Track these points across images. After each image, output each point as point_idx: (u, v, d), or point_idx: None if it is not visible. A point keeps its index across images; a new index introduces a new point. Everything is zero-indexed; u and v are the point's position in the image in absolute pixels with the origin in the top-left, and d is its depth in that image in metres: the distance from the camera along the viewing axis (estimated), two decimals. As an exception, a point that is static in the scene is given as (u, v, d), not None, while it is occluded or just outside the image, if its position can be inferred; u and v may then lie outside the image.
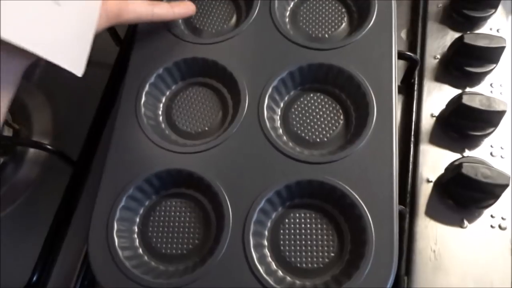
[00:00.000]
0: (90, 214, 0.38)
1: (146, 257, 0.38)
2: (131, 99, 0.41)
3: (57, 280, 0.44)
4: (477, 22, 0.50)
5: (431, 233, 0.42)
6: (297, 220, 0.38)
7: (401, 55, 0.45)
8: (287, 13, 0.46)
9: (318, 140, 0.40)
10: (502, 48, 0.45)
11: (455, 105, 0.44)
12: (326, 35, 0.44)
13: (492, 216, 0.43)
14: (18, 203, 0.47)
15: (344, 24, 0.45)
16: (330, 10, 0.46)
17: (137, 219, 0.39)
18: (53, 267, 0.44)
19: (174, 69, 0.43)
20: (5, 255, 0.44)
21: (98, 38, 0.52)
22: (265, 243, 0.37)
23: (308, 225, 0.38)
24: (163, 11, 0.41)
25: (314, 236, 0.37)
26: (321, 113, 0.41)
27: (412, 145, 0.45)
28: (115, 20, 0.37)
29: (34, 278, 0.42)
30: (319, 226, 0.37)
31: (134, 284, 0.35)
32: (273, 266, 0.36)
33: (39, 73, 0.55)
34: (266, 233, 0.38)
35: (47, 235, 0.44)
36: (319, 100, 0.42)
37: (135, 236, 0.38)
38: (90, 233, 0.37)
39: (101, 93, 0.50)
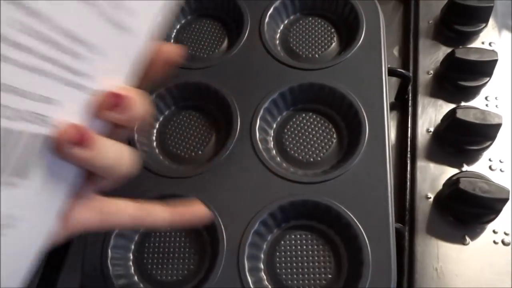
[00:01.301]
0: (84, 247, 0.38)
1: (141, 285, 0.37)
2: (123, 125, 0.41)
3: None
4: (469, 36, 0.50)
5: (433, 251, 0.41)
6: (293, 242, 0.37)
7: (392, 72, 0.45)
8: (277, 35, 0.47)
9: (311, 159, 0.40)
10: (494, 61, 0.45)
11: (450, 120, 0.43)
12: (317, 55, 0.45)
13: (494, 232, 0.42)
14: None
15: (334, 44, 0.45)
16: (320, 31, 0.46)
17: (132, 246, 0.38)
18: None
19: (166, 94, 0.43)
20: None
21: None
22: (261, 266, 0.37)
23: (304, 247, 0.37)
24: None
25: (311, 258, 0.36)
26: (314, 132, 0.41)
27: (409, 162, 0.45)
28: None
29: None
30: (315, 247, 0.37)
31: None
32: None
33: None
34: (262, 255, 0.37)
35: (43, 265, 0.43)
36: (311, 120, 0.42)
37: (130, 263, 0.38)
38: (84, 262, 0.36)
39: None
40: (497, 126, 0.42)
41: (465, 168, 0.44)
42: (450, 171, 0.44)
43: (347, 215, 0.36)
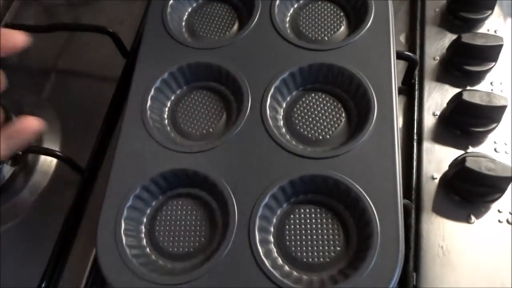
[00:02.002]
0: (97, 219, 0.38)
1: (153, 256, 0.38)
2: (137, 102, 0.42)
3: (65, 286, 0.44)
4: (475, 23, 0.51)
5: (438, 230, 0.42)
6: (302, 216, 0.38)
7: (400, 55, 0.45)
8: (287, 18, 0.47)
9: (320, 137, 0.41)
10: (500, 46, 0.46)
11: (456, 102, 0.44)
12: (326, 38, 0.46)
13: (499, 211, 0.42)
14: (29, 211, 0.48)
15: (343, 27, 0.46)
16: (329, 14, 0.47)
17: (144, 219, 0.39)
18: (62, 273, 0.44)
19: (179, 73, 0.44)
20: (16, 261, 0.45)
21: (104, 50, 0.55)
22: (271, 238, 0.37)
23: (313, 220, 0.38)
24: None
25: (320, 231, 0.37)
26: (323, 111, 0.42)
27: (415, 144, 0.46)
28: None
29: (43, 285, 0.42)
30: (324, 221, 0.37)
31: (141, 281, 0.35)
32: (280, 261, 0.36)
33: (49, 88, 0.57)
34: (272, 229, 0.38)
35: (56, 241, 0.44)
36: (320, 100, 0.43)
37: (142, 235, 0.39)
38: (98, 231, 0.37)
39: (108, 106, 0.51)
40: (503, 108, 0.43)
41: (470, 150, 0.45)
42: (456, 153, 0.45)
43: (356, 188, 0.36)
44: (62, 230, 0.45)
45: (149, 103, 0.43)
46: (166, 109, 0.44)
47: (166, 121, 0.44)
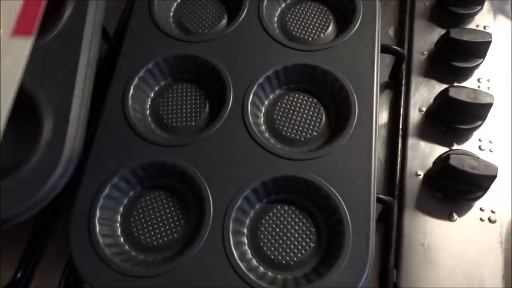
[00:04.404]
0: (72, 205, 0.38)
1: (126, 246, 0.37)
2: (119, 91, 0.41)
3: (41, 276, 0.43)
4: (464, 19, 0.51)
5: (420, 227, 0.42)
6: (275, 215, 0.38)
7: (387, 49, 0.45)
8: (275, 18, 0.47)
9: (298, 137, 0.41)
10: (488, 42, 0.46)
11: (442, 98, 0.44)
12: (312, 38, 0.45)
13: (481, 209, 0.42)
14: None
15: (330, 28, 0.46)
16: (318, 15, 0.46)
17: (121, 209, 0.39)
18: (38, 263, 0.43)
19: (164, 65, 0.43)
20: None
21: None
22: (245, 240, 0.37)
23: (286, 219, 0.38)
24: None
25: (292, 230, 0.37)
26: (303, 112, 0.42)
27: (400, 139, 0.45)
28: None
29: (19, 275, 0.42)
30: (296, 220, 0.37)
31: (112, 271, 0.35)
32: (254, 262, 0.36)
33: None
34: (245, 230, 0.37)
35: (32, 230, 0.43)
36: (302, 100, 0.42)
37: (117, 225, 0.38)
38: (72, 219, 0.36)
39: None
40: (488, 106, 0.43)
41: (455, 147, 0.45)
42: (440, 150, 0.45)
43: (326, 187, 0.36)
44: (38, 218, 0.44)
45: (131, 91, 0.42)
46: (149, 99, 0.44)
47: (148, 112, 0.43)
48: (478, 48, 0.46)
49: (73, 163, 0.34)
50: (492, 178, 0.40)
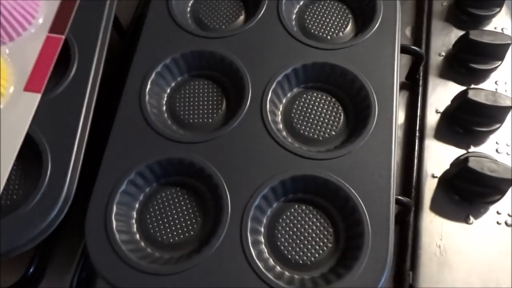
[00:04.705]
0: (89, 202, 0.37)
1: (142, 243, 0.37)
2: (136, 86, 0.41)
3: (54, 272, 0.43)
4: (482, 20, 0.50)
5: (436, 229, 0.42)
6: (293, 215, 0.37)
7: (406, 50, 0.45)
8: (294, 15, 0.46)
9: (316, 137, 0.40)
10: (507, 45, 0.45)
11: (461, 100, 0.43)
12: (330, 37, 0.45)
13: (498, 213, 0.42)
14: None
15: (349, 27, 0.45)
16: (336, 13, 0.46)
17: (137, 205, 0.38)
18: (51, 259, 0.43)
19: (181, 60, 0.43)
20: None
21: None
22: (262, 239, 0.37)
23: (304, 219, 0.37)
24: None
25: (310, 230, 0.37)
26: (321, 111, 0.41)
27: (417, 140, 0.45)
28: None
29: (31, 270, 0.41)
30: (314, 219, 0.37)
31: (128, 268, 0.34)
32: (271, 261, 0.36)
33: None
34: (262, 229, 0.37)
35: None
36: (320, 99, 0.42)
37: (133, 221, 0.38)
38: (88, 215, 0.36)
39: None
40: (508, 109, 0.42)
41: (472, 149, 0.44)
42: (457, 152, 0.44)
43: (346, 188, 0.36)
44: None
45: (148, 87, 0.41)
46: (165, 95, 0.43)
47: (164, 108, 0.43)
48: (497, 50, 0.46)
49: (69, 202, 0.37)
50: (511, 181, 0.40)
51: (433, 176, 0.44)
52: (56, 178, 0.37)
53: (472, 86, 0.47)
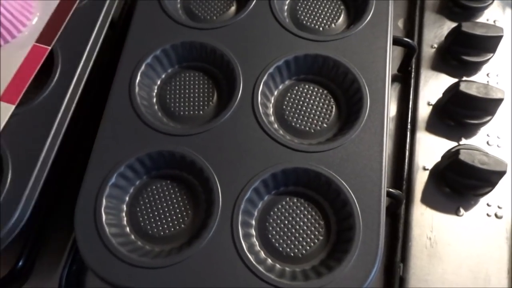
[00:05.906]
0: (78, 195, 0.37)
1: (133, 236, 0.37)
2: (125, 77, 0.40)
3: (43, 265, 0.42)
4: (474, 12, 0.50)
5: (427, 221, 0.42)
6: (283, 208, 0.37)
7: (398, 41, 0.44)
8: (286, 7, 0.46)
9: (307, 129, 0.40)
10: (500, 37, 0.45)
11: (452, 92, 0.43)
12: (322, 29, 0.44)
13: (488, 205, 0.42)
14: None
15: (341, 19, 0.45)
16: (329, 4, 0.46)
17: (127, 198, 0.38)
18: (40, 252, 0.43)
19: (172, 51, 0.42)
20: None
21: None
22: (253, 232, 0.37)
23: (295, 212, 0.37)
24: None
25: (301, 222, 0.37)
26: (313, 103, 0.41)
27: (408, 133, 0.45)
28: None
29: (20, 263, 0.41)
30: (305, 212, 0.37)
31: (119, 261, 0.34)
32: (262, 254, 0.36)
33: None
34: (253, 222, 0.37)
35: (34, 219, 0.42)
36: (312, 91, 0.42)
37: (123, 214, 0.37)
38: (77, 208, 0.36)
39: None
40: (499, 101, 0.43)
41: (463, 141, 0.45)
42: (448, 144, 0.45)
43: (337, 180, 0.36)
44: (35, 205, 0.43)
45: (138, 78, 0.41)
46: (156, 87, 0.43)
47: (154, 100, 0.42)
48: (489, 43, 0.45)
49: (21, 223, 0.37)
50: (502, 174, 0.40)
51: (424, 169, 0.44)
52: (14, 193, 0.36)
53: (464, 78, 0.47)
